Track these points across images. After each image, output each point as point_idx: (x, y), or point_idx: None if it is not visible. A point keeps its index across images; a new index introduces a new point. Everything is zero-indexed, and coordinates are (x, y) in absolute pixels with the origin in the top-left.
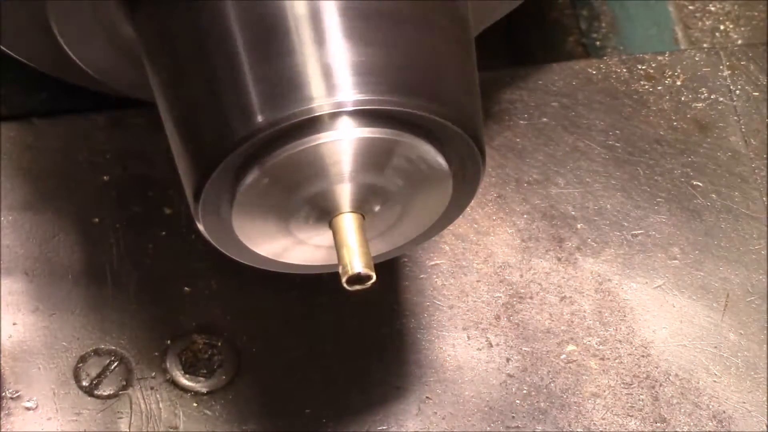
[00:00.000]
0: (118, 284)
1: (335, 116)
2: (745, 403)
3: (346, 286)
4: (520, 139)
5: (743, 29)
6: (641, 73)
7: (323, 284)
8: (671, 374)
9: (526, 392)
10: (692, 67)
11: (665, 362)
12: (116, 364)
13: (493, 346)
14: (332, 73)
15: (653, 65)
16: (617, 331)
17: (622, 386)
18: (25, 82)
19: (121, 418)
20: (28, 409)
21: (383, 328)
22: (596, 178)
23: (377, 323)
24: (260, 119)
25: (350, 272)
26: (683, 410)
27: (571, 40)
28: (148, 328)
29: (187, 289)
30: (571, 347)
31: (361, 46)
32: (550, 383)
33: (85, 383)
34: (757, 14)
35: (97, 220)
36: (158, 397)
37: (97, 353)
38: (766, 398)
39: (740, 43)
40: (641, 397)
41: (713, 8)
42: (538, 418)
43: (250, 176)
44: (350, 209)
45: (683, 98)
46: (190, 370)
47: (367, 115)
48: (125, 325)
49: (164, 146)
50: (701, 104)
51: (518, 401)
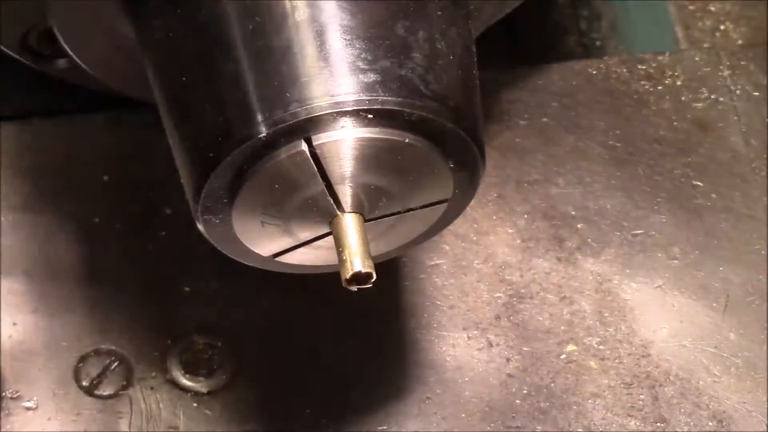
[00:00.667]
0: (118, 284)
1: (335, 116)
2: (745, 403)
3: (346, 285)
4: (520, 139)
5: (743, 29)
6: (641, 73)
7: (323, 284)
8: (671, 374)
9: (526, 392)
10: (692, 67)
11: (665, 362)
12: (116, 364)
13: (493, 346)
14: (332, 73)
15: (653, 65)
16: (617, 331)
17: (622, 386)
18: (25, 82)
19: (121, 418)
20: (28, 409)
21: (383, 328)
22: (596, 178)
23: (377, 323)
24: (260, 119)
25: (351, 272)
26: (683, 410)
27: (571, 40)
28: (148, 328)
29: (187, 289)
30: (571, 347)
31: (360, 46)
32: (550, 383)
33: (85, 383)
34: (757, 14)
35: (97, 220)
36: (158, 397)
37: (97, 353)
38: (766, 398)
39: (740, 43)
40: (641, 397)
41: (713, 8)
42: (538, 418)
43: (250, 177)
44: (350, 209)
45: (683, 98)
46: (190, 370)
47: (375, 115)
48: (125, 325)
49: (164, 146)
50: (701, 104)
51: (518, 401)
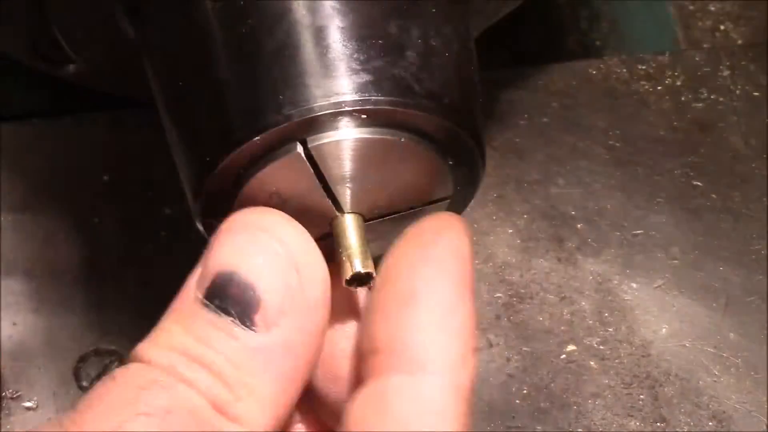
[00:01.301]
0: (118, 284)
1: (335, 116)
2: (745, 403)
3: (346, 285)
4: (520, 139)
5: (743, 29)
6: (641, 73)
7: None
8: (671, 374)
9: (526, 392)
10: (692, 67)
11: (665, 362)
12: (116, 364)
13: (493, 346)
14: (332, 73)
15: (653, 65)
16: (617, 331)
17: (622, 386)
18: (25, 82)
19: None
20: (28, 409)
21: None
22: (596, 178)
23: None
24: (260, 119)
25: (351, 272)
26: (683, 410)
27: (571, 40)
28: (148, 328)
29: None
30: (571, 347)
31: (360, 46)
32: (550, 383)
33: (85, 383)
34: (757, 14)
35: (97, 220)
36: None
37: (97, 353)
38: (766, 398)
39: (740, 43)
40: (641, 397)
41: (713, 8)
42: (538, 418)
43: (250, 177)
44: (350, 210)
45: (683, 98)
46: None
47: (369, 115)
48: (125, 325)
49: (164, 146)
50: (701, 104)
51: (518, 401)
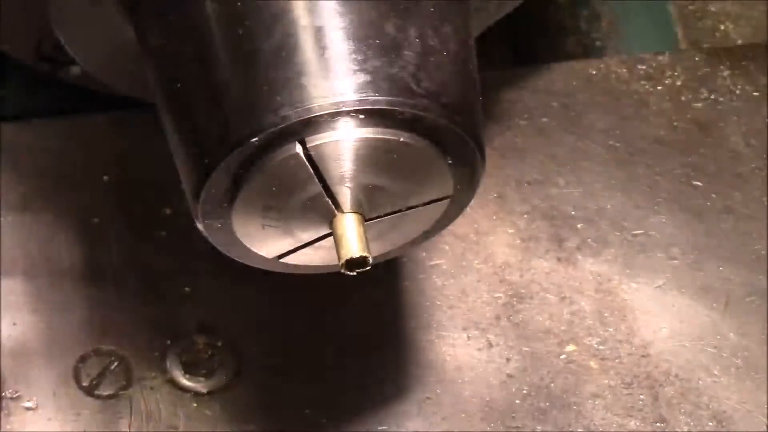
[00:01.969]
0: (118, 284)
1: (335, 116)
2: (745, 403)
3: (344, 270)
4: (520, 139)
5: (743, 29)
6: (641, 73)
7: (323, 284)
8: (671, 374)
9: (526, 392)
10: (692, 67)
11: (665, 362)
12: (116, 364)
13: (493, 346)
14: (332, 73)
15: (653, 65)
16: (617, 331)
17: (622, 386)
18: (25, 82)
19: (121, 418)
20: (28, 409)
21: (383, 328)
22: (596, 178)
23: (377, 323)
24: (260, 119)
25: (347, 256)
26: (683, 410)
27: (571, 40)
28: (148, 328)
29: (187, 289)
30: (571, 347)
31: (360, 46)
32: (550, 383)
33: (85, 383)
34: (757, 14)
35: (97, 220)
36: (158, 397)
37: (97, 353)
38: (766, 398)
39: (740, 43)
40: (641, 397)
41: (713, 8)
42: (538, 418)
43: (250, 176)
44: (350, 209)
45: (683, 98)
46: (190, 370)
47: (367, 115)
48: (125, 325)
49: (164, 146)
50: (701, 104)
51: (518, 401)
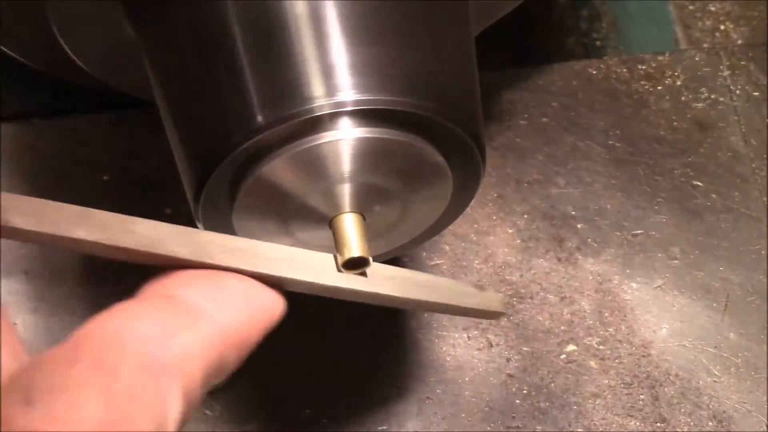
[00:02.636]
0: (118, 284)
1: (335, 116)
2: (745, 403)
3: (342, 269)
4: (520, 139)
5: (743, 29)
6: (641, 73)
7: None
8: (671, 374)
9: (526, 392)
10: (692, 67)
11: (665, 362)
12: None
13: (493, 346)
14: (332, 73)
15: (653, 65)
16: (617, 331)
17: (622, 386)
18: (25, 82)
19: None
20: None
21: (383, 328)
22: (596, 178)
23: (377, 323)
24: (260, 119)
25: (346, 256)
26: (683, 410)
27: (571, 40)
28: None
29: None
30: (571, 347)
31: (360, 46)
32: (550, 383)
33: None
34: (757, 14)
35: None
36: None
37: None
38: (766, 398)
39: (740, 43)
40: (641, 397)
41: (713, 8)
42: (538, 418)
43: (250, 177)
44: (350, 209)
45: (683, 98)
46: None
47: (367, 115)
48: None
49: (164, 146)
50: (701, 104)
51: (518, 401)
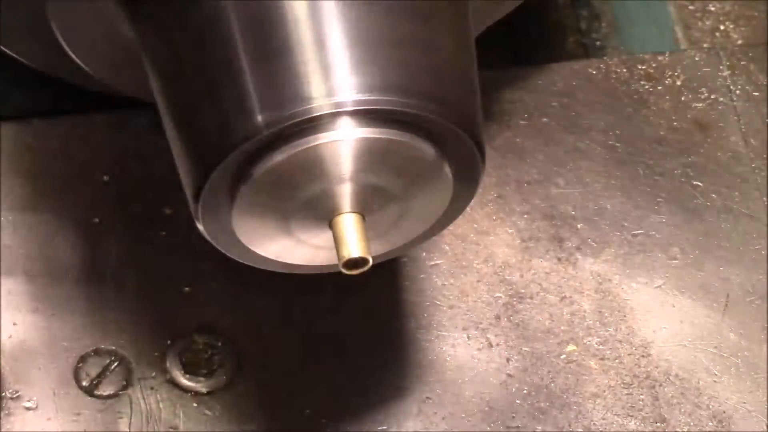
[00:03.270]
0: (118, 284)
1: (335, 116)
2: (745, 403)
3: (344, 270)
4: (520, 139)
5: (743, 29)
6: (641, 73)
7: (324, 284)
8: (671, 374)
9: (526, 392)
10: (692, 67)
11: (665, 362)
12: (116, 364)
13: (493, 346)
14: (332, 73)
15: (653, 65)
16: (617, 331)
17: (622, 386)
18: (25, 82)
19: (121, 418)
20: (28, 409)
21: (383, 328)
22: (596, 178)
23: (377, 323)
24: (260, 119)
25: (347, 257)
26: (683, 410)
27: (571, 40)
28: (148, 328)
29: (187, 289)
30: (571, 347)
31: (360, 46)
32: (550, 383)
33: (85, 383)
34: (757, 14)
35: (97, 220)
36: (158, 397)
37: (97, 353)
38: (766, 398)
39: (740, 43)
40: (641, 397)
41: (713, 8)
42: (538, 418)
43: (250, 177)
44: (350, 209)
45: (683, 98)
46: (190, 370)
47: (367, 115)
48: (125, 325)
49: (164, 146)
50: (701, 104)
51: (518, 401)
